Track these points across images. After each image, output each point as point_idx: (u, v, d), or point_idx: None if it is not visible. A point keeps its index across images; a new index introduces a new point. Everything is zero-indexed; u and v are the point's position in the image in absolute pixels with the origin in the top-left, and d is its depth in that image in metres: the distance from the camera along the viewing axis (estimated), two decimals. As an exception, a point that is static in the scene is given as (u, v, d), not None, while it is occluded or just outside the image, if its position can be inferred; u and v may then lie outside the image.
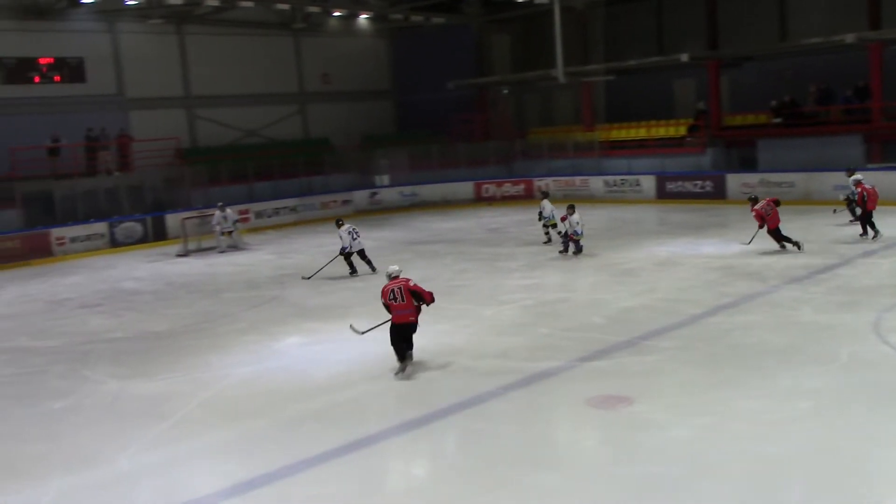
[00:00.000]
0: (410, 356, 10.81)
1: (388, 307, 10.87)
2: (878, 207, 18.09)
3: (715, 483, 7.22)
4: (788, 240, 17.23)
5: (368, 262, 18.19)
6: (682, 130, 30.20)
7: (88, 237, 25.28)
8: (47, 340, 14.30)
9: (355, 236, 18.19)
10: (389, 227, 26.90)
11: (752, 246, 17.58)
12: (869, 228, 17.90)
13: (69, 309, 17.07)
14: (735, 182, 26.86)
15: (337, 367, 11.33)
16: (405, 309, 10.75)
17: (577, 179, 30.68)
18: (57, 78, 28.92)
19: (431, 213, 29.90)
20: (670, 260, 17.55)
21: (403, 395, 10.27)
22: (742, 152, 28.47)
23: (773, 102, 28.04)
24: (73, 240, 25.00)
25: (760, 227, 17.38)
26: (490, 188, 31.50)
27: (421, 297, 10.85)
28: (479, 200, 31.27)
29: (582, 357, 11.03)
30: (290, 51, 35.21)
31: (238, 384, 10.98)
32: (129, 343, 13.78)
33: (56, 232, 24.79)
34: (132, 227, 26.28)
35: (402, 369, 10.69)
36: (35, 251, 23.95)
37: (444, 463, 8.44)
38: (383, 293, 10.89)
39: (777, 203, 17.47)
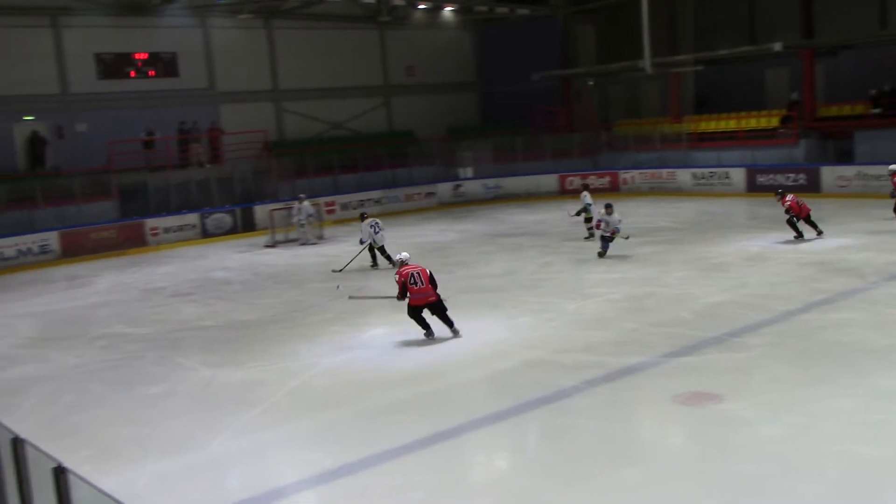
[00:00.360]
0: (456, 330, 12.17)
1: (405, 289, 11.98)
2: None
3: (807, 483, 7.02)
4: (815, 226, 18.03)
5: (388, 258, 18.60)
6: (775, 122, 29.30)
7: (180, 228, 26.04)
8: (142, 328, 14.78)
9: (377, 230, 19.05)
10: (473, 219, 26.93)
11: (844, 240, 17.19)
12: None
13: (163, 297, 17.60)
14: (830, 175, 25.97)
15: (421, 359, 11.41)
16: (425, 291, 11.98)
17: (664, 172, 30.13)
18: (151, 73, 29.85)
19: (515, 206, 29.80)
20: (761, 255, 17.09)
21: (486, 388, 10.28)
22: (838, 144, 27.50)
23: (873, 92, 26.99)
24: (167, 230, 25.79)
25: (796, 215, 17.94)
26: (574, 181, 31.19)
27: (435, 283, 12.15)
28: (564, 193, 31.01)
29: (669, 353, 10.84)
30: (375, 44, 35.53)
31: (325, 373, 11.16)
32: (219, 331, 14.14)
33: (150, 222, 25.61)
34: (222, 218, 26.96)
35: (427, 334, 12.12)
36: (130, 241, 24.79)
37: (526, 456, 8.41)
38: (402, 275, 12.02)
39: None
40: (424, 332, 12.11)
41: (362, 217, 19.78)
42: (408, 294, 12.00)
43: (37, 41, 27.57)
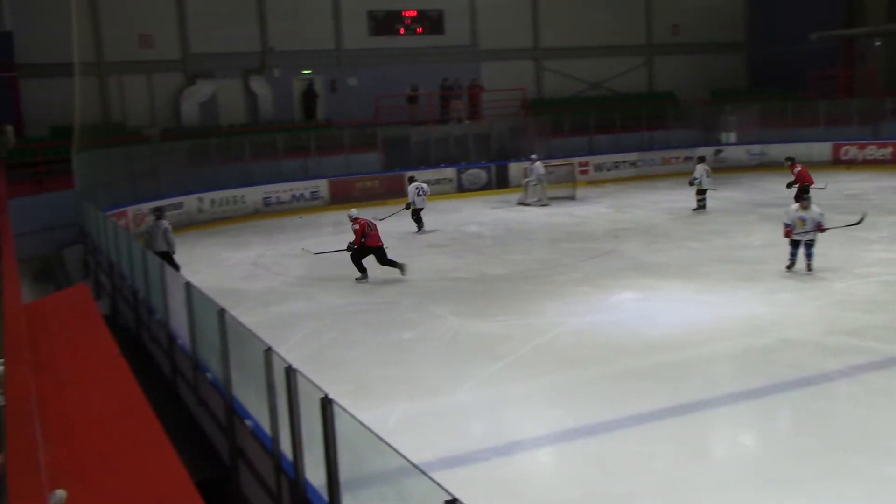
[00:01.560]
0: (402, 265, 14.61)
1: (363, 235, 14.40)
2: None
3: None
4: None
5: (418, 220, 20.00)
6: None
7: (438, 181, 26.94)
8: (398, 275, 15.49)
9: (420, 193, 19.93)
10: (734, 186, 25.65)
11: None
12: None
13: (418, 247, 18.37)
14: None
15: (669, 327, 11.11)
16: (377, 236, 14.55)
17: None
18: (419, 30, 30.98)
19: (781, 175, 27.92)
20: None
21: (737, 363, 9.85)
22: None
23: None
24: (426, 183, 26.74)
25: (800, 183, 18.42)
26: (850, 150, 28.79)
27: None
28: (837, 163, 28.72)
29: (951, 344, 9.82)
30: (639, 1, 34.55)
31: (570, 333, 11.17)
32: (469, 284, 14.56)
33: (410, 174, 26.67)
34: (477, 173, 27.60)
35: (362, 278, 14.68)
36: (391, 191, 25.98)
37: (776, 439, 7.99)
38: (361, 224, 14.45)
39: None
40: (360, 275, 14.64)
41: (410, 179, 20.71)
42: (363, 239, 14.45)
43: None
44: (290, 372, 4.92)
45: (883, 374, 9.17)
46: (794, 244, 13.49)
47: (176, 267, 14.15)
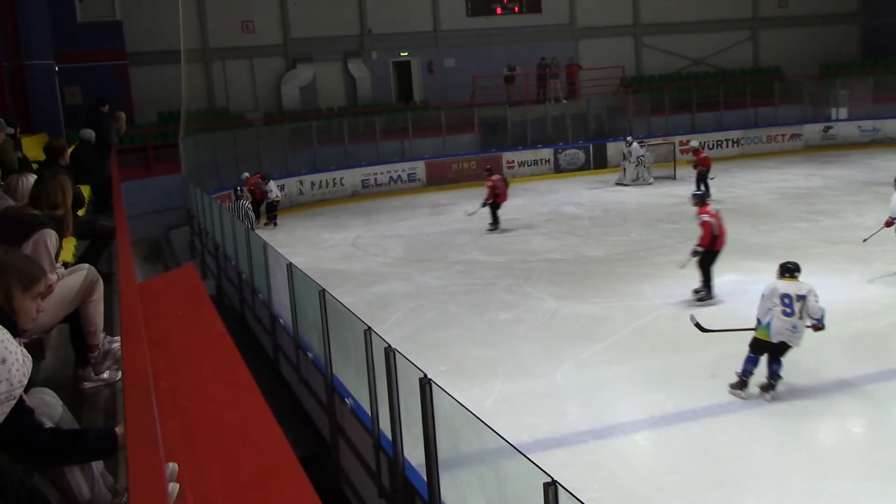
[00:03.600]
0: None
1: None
2: None
3: None
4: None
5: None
6: None
7: (535, 162, 26.81)
8: (496, 256, 15.53)
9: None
10: (844, 164, 24.67)
11: None
12: None
13: (515, 229, 18.32)
14: None
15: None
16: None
17: None
18: (516, 9, 30.75)
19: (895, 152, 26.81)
20: None
21: (847, 349, 9.48)
22: None
23: None
24: (521, 164, 26.69)
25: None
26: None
27: None
28: (956, 139, 27.28)
29: None
30: (744, -27, 33.47)
31: (670, 316, 10.97)
32: (567, 265, 14.45)
33: (507, 155, 26.64)
34: (575, 153, 27.30)
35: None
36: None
37: (886, 427, 7.69)
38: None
39: None
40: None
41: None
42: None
43: (416, -21, 29.61)
44: (390, 352, 4.99)
45: None
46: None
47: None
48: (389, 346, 5.02)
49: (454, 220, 20.10)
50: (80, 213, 7.36)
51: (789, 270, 8.28)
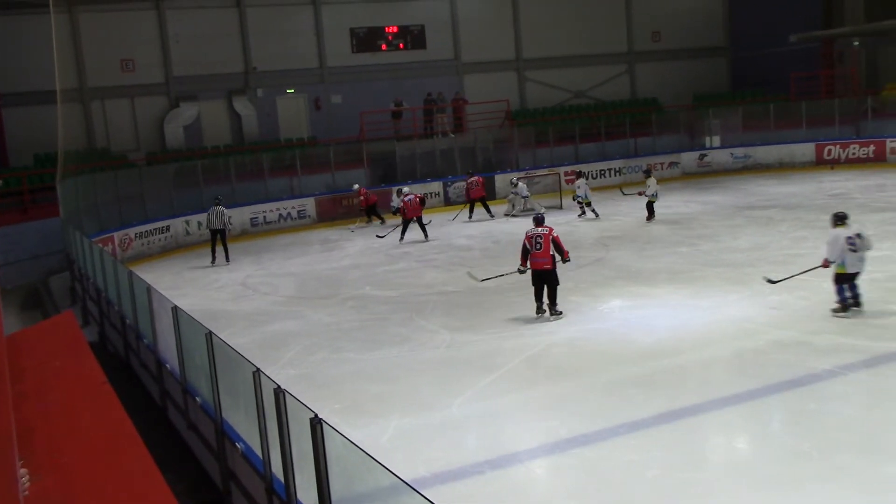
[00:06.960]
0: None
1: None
2: None
3: None
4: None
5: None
6: None
7: (426, 196, 26.92)
8: (388, 290, 15.49)
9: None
10: (720, 190, 25.77)
11: None
12: None
13: (408, 262, 18.35)
14: None
15: (660, 333, 11.11)
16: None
17: (942, 141, 27.23)
18: (401, 45, 31.08)
19: (766, 177, 28.19)
20: None
21: (729, 367, 9.86)
22: None
23: None
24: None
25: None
26: (833, 150, 28.96)
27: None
28: (820, 163, 28.88)
29: (941, 340, 9.85)
30: (620, 9, 34.79)
31: (562, 343, 11.15)
32: (460, 297, 14.53)
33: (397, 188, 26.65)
34: (464, 186, 27.54)
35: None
36: (385, 206, 25.88)
37: (771, 441, 7.95)
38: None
39: None
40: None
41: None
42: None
43: (299, 18, 29.56)
44: (279, 393, 4.89)
45: (874, 372, 9.18)
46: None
47: (225, 247, 20.07)
48: (279, 386, 4.93)
49: (346, 255, 20.00)
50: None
51: (842, 219, 11.07)
